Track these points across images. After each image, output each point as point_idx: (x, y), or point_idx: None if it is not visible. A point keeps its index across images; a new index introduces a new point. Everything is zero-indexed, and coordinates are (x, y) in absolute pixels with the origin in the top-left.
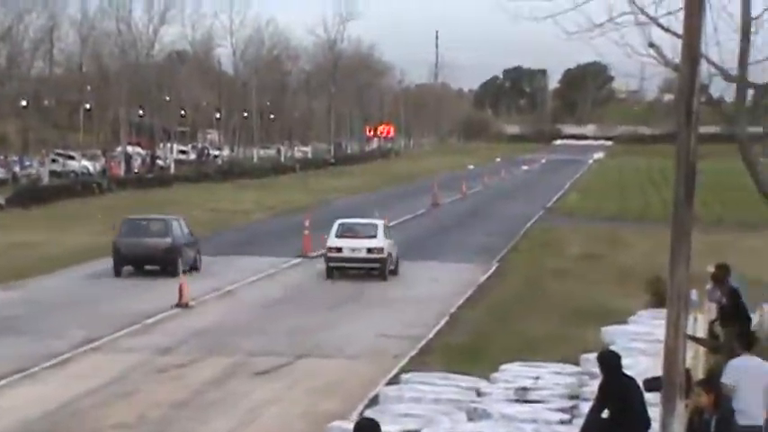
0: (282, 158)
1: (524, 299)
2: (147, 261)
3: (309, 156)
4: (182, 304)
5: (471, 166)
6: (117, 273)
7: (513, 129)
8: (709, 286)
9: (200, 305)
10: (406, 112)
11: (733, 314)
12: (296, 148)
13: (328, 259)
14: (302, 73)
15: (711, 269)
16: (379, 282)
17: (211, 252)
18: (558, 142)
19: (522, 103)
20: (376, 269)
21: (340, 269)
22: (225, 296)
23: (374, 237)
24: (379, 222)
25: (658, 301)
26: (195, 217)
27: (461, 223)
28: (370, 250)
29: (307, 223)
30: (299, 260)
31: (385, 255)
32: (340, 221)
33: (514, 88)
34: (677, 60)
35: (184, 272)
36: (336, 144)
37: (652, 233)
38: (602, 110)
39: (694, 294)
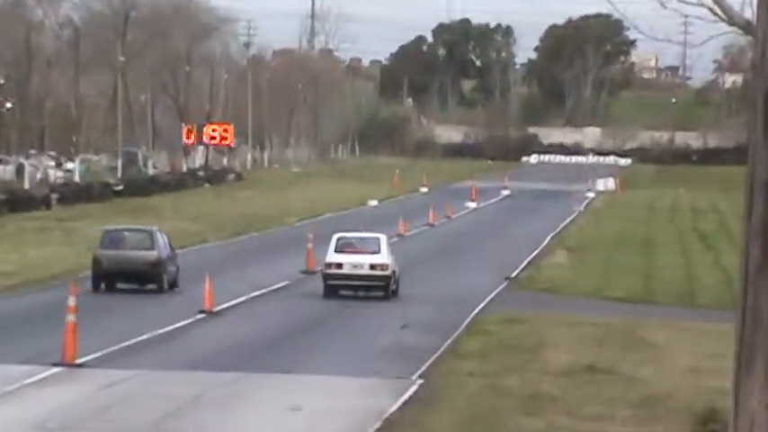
0: (27, 183)
1: None
2: (133, 276)
3: (77, 178)
4: None
5: (375, 203)
6: (95, 288)
7: (451, 134)
8: None
9: None
10: (258, 100)
11: None
12: (55, 165)
13: (327, 276)
14: (64, 29)
15: None
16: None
17: None
18: (533, 159)
19: (467, 87)
20: (380, 287)
21: (340, 287)
22: None
23: (377, 252)
24: (382, 237)
25: None
26: None
27: (359, 307)
28: (373, 266)
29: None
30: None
31: (389, 272)
32: (339, 235)
33: (454, 61)
34: (752, 14)
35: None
36: (128, 157)
37: (699, 329)
38: (612, 102)
39: None
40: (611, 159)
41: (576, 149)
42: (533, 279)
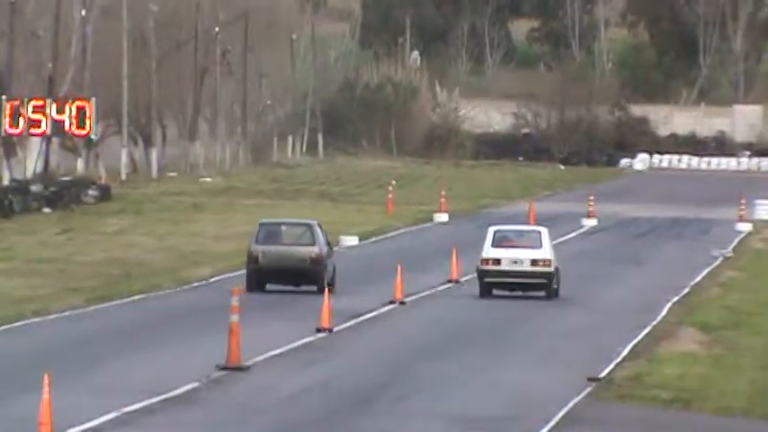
0: None
1: None
2: (290, 274)
3: None
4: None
5: (352, 241)
6: (250, 288)
7: (492, 116)
8: None
9: None
10: (140, 57)
11: None
12: None
13: (483, 273)
14: None
15: None
16: None
17: None
18: (641, 162)
19: (519, 32)
20: (542, 286)
21: (497, 285)
22: None
23: (539, 247)
24: (544, 230)
25: None
26: None
27: None
28: (534, 262)
29: None
30: None
31: (552, 269)
32: (495, 228)
33: None
34: None
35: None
36: None
37: None
38: None
39: None
40: None
41: (720, 145)
42: (641, 381)
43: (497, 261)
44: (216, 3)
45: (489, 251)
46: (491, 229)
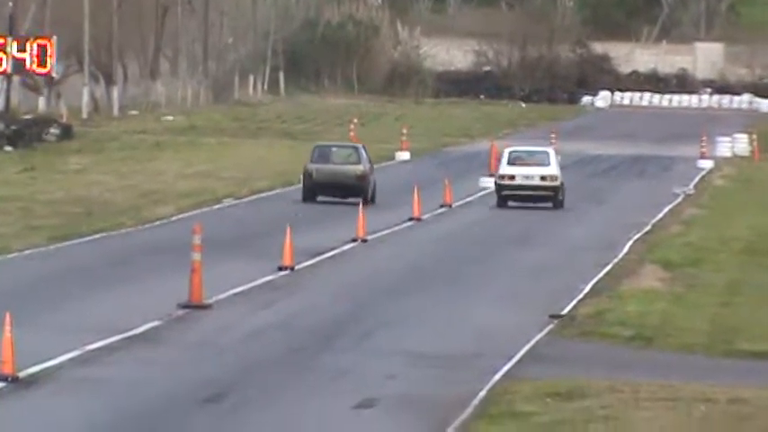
0: None
1: None
2: (340, 188)
3: None
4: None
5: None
6: (305, 199)
7: (453, 54)
8: None
9: None
10: None
11: None
12: None
13: (500, 187)
14: None
15: None
16: None
17: None
18: (602, 100)
19: None
20: (550, 198)
21: (512, 197)
22: None
23: (547, 165)
24: (551, 150)
25: None
26: None
27: None
28: (543, 178)
29: None
30: None
31: (558, 183)
32: (510, 149)
33: None
34: None
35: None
36: None
37: None
38: None
39: None
40: (743, 100)
41: (681, 82)
42: (603, 318)
43: (512, 177)
44: None
45: (505, 168)
46: (506, 150)
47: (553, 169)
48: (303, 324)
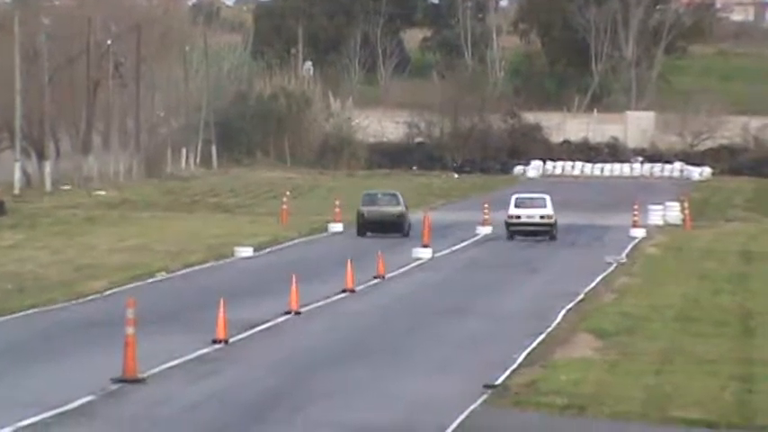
0: None
1: None
2: (384, 225)
3: None
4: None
5: (247, 252)
6: (359, 234)
7: (386, 126)
8: None
9: None
10: (33, 68)
11: None
12: None
13: (509, 225)
14: None
15: None
16: None
17: None
18: (533, 170)
19: (413, 41)
20: (547, 232)
21: (518, 233)
22: None
23: (545, 207)
24: (547, 196)
25: None
26: None
27: None
28: (542, 216)
29: None
30: None
31: (553, 221)
32: (516, 195)
33: None
34: None
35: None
36: None
37: None
38: (675, 67)
39: None
40: (674, 168)
41: (613, 151)
42: (537, 387)
43: (518, 216)
44: (108, 15)
45: (513, 210)
46: (513, 196)
47: (549, 210)
48: (237, 397)
